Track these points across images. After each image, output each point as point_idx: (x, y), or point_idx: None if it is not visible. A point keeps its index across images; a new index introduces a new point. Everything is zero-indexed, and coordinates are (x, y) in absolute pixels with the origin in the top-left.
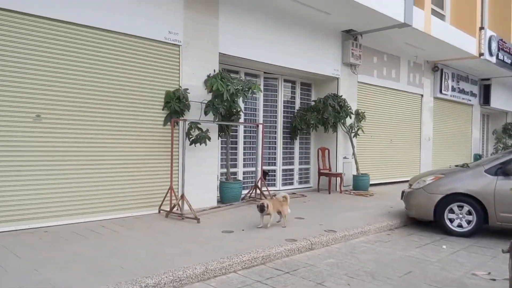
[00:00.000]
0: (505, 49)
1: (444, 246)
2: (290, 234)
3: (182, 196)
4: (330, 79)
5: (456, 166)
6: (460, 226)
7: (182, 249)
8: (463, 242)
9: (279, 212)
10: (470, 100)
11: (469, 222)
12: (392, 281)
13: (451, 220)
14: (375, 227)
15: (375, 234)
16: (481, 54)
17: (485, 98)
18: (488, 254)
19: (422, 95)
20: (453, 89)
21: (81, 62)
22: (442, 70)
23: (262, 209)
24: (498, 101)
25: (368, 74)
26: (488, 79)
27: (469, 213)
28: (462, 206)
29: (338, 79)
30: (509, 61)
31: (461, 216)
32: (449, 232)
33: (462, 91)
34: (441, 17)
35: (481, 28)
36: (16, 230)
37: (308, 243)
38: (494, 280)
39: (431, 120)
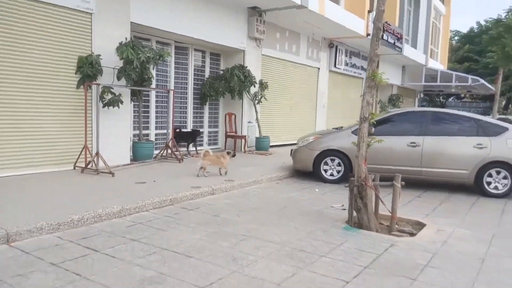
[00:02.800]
0: (389, 31)
1: (317, 190)
2: (196, 183)
3: (97, 153)
4: (237, 51)
5: (333, 128)
6: (332, 175)
7: (100, 195)
8: (332, 186)
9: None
10: (360, 74)
11: (338, 171)
12: (271, 212)
13: (326, 171)
14: (267, 177)
15: (266, 183)
16: (368, 34)
17: None
18: (342, 193)
19: (319, 68)
20: (346, 64)
21: (2, 28)
22: (337, 46)
23: (234, 155)
24: (385, 75)
25: (272, 48)
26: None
27: (339, 164)
28: (334, 159)
29: (244, 51)
30: (392, 41)
31: (332, 167)
32: (324, 180)
33: (354, 66)
34: (337, 1)
35: (369, 11)
36: None
37: (210, 189)
38: (344, 209)
39: (326, 90)
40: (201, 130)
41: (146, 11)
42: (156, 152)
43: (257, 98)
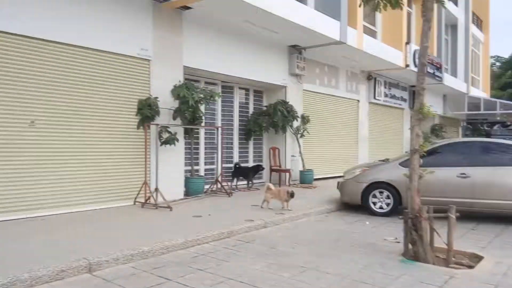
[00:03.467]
0: (428, 61)
1: (367, 222)
2: (249, 216)
3: (156, 189)
4: (279, 87)
5: (379, 161)
6: (381, 208)
7: (163, 228)
8: (382, 219)
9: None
10: (400, 104)
11: (388, 204)
12: (325, 244)
13: (374, 203)
14: (316, 210)
15: (316, 216)
16: (407, 66)
17: (414, 103)
18: (399, 227)
19: (358, 100)
20: (386, 95)
21: (70, 75)
22: (375, 78)
23: (292, 195)
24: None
25: (312, 83)
26: (415, 86)
27: (388, 197)
28: (382, 192)
29: (285, 87)
30: (431, 71)
31: (381, 199)
32: (373, 213)
33: (393, 97)
34: (373, 33)
35: (407, 43)
36: (19, 218)
37: (262, 222)
38: (398, 242)
39: (367, 122)
40: (246, 165)
41: (196, 55)
42: (206, 186)
43: (300, 132)
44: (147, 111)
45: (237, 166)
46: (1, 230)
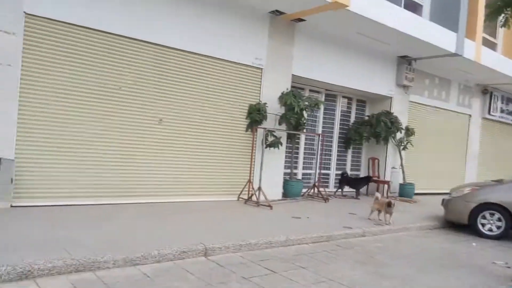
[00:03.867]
0: None
1: (474, 244)
2: (347, 223)
3: (259, 188)
4: (383, 98)
5: (492, 181)
6: (490, 230)
7: (265, 225)
8: (491, 242)
9: (379, 211)
10: None
11: (498, 227)
12: (427, 260)
13: (483, 225)
14: (416, 225)
15: (416, 231)
16: None
17: None
18: (509, 252)
19: (470, 115)
20: (502, 111)
21: (196, 80)
22: (491, 92)
23: (389, 204)
24: None
25: (419, 94)
26: None
27: (499, 220)
28: (493, 214)
29: (391, 98)
30: None
31: (492, 222)
32: (480, 235)
33: (511, 113)
34: (493, 45)
35: None
36: (149, 202)
37: (361, 231)
38: (509, 267)
39: (478, 139)
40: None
41: (304, 64)
42: (304, 190)
43: (403, 144)
44: (256, 115)
45: (344, 175)
46: (133, 211)
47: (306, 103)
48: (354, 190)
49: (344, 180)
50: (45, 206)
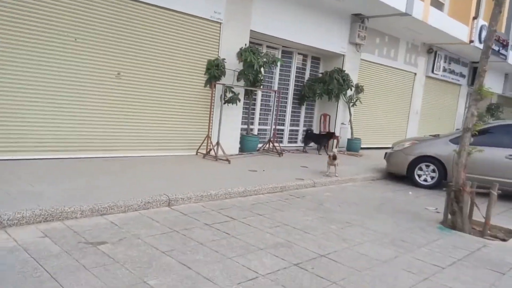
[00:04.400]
0: (494, 37)
1: (410, 192)
2: (299, 175)
3: (218, 143)
4: (336, 55)
5: (430, 135)
6: (425, 180)
7: (224, 178)
8: (425, 191)
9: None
10: (458, 80)
11: (432, 178)
12: (369, 207)
13: (419, 176)
14: (361, 176)
15: (361, 182)
16: (471, 41)
17: (473, 80)
18: (440, 199)
19: (415, 74)
20: (444, 70)
21: (151, 33)
22: (436, 52)
23: (334, 157)
24: (485, 82)
25: (370, 53)
26: (476, 62)
27: (433, 171)
28: (429, 166)
29: (344, 56)
30: (496, 48)
31: (427, 173)
32: (417, 185)
33: (452, 72)
34: (441, 5)
35: (474, 17)
36: (104, 157)
37: (312, 182)
38: (438, 212)
39: (421, 96)
40: (296, 128)
41: (263, 20)
42: (259, 145)
43: (352, 101)
44: (214, 71)
45: (309, 131)
46: (94, 165)
47: (265, 59)
48: (317, 145)
49: (309, 136)
50: (7, 160)
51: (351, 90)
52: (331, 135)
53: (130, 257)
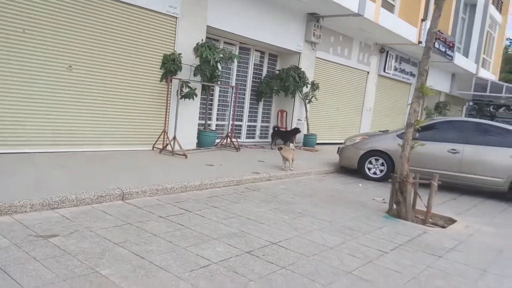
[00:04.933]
0: (441, 39)
1: (360, 185)
2: (256, 169)
3: (174, 137)
4: (293, 53)
5: (379, 131)
6: (375, 173)
7: (181, 172)
8: (374, 184)
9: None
10: (409, 79)
11: (381, 171)
12: (321, 198)
13: (369, 169)
14: (315, 170)
15: (315, 175)
16: (419, 42)
17: None
18: (388, 191)
19: (368, 72)
20: (395, 69)
21: (106, 27)
22: (388, 52)
23: (279, 148)
24: (433, 82)
25: (325, 51)
26: None
27: (382, 164)
28: (378, 159)
29: (300, 53)
30: (443, 49)
31: (376, 166)
32: (367, 177)
33: (403, 71)
34: (391, 7)
35: (423, 19)
36: (57, 151)
37: (267, 175)
38: (384, 202)
39: (374, 94)
40: (254, 124)
41: (220, 16)
42: (217, 141)
43: (308, 98)
44: (170, 65)
45: (275, 128)
46: (46, 160)
47: (221, 55)
48: (284, 142)
49: (275, 133)
50: None
51: (307, 87)
52: (296, 131)
53: (82, 249)
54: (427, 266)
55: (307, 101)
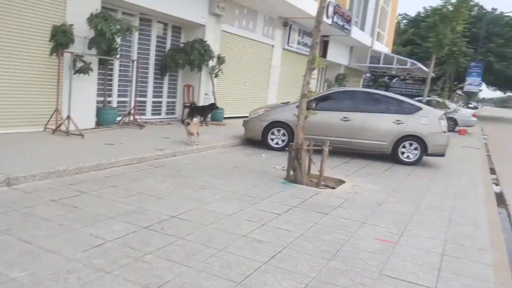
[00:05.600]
0: (340, 13)
1: (263, 155)
2: (160, 146)
3: (68, 116)
4: (197, 26)
5: (281, 103)
6: (277, 143)
7: (76, 153)
8: (277, 153)
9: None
10: None
11: (283, 140)
12: (224, 170)
13: (272, 140)
14: (221, 144)
15: (221, 149)
16: None
17: (324, 52)
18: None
19: (273, 46)
20: (299, 43)
21: None
22: (291, 25)
23: (188, 123)
24: (334, 55)
25: (230, 24)
26: (327, 36)
27: (284, 134)
28: (280, 130)
29: (204, 26)
30: (341, 24)
31: (278, 137)
32: (270, 148)
33: (305, 45)
34: None
35: None
36: None
37: (172, 151)
38: (284, 169)
39: (279, 67)
40: (159, 100)
41: None
42: (118, 118)
43: (215, 72)
44: (61, 38)
45: (193, 105)
46: None
47: (118, 27)
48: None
49: (193, 109)
50: None
51: (213, 60)
52: (213, 107)
53: None
54: (315, 223)
55: (213, 75)
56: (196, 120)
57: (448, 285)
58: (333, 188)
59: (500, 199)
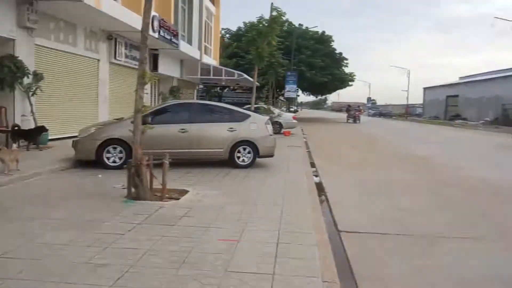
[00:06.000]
0: (165, 27)
1: (100, 176)
2: None
3: None
4: (6, 40)
5: (114, 119)
6: (114, 162)
7: None
8: (115, 172)
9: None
10: None
11: (120, 158)
12: (56, 197)
13: (108, 158)
14: (48, 169)
15: (48, 174)
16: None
17: (154, 65)
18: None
19: (99, 60)
20: (127, 56)
21: None
22: (116, 39)
23: None
24: (165, 68)
25: (46, 38)
26: (156, 50)
27: (121, 152)
28: (116, 147)
29: (14, 40)
30: (168, 37)
31: (115, 154)
32: (107, 167)
33: (134, 58)
34: None
35: None
36: None
37: None
38: (124, 188)
39: (108, 82)
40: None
41: None
42: None
43: (32, 90)
44: None
45: (16, 128)
46: None
47: None
48: (28, 142)
49: (16, 133)
50: None
51: (28, 77)
52: (41, 130)
53: None
54: (162, 236)
55: (30, 93)
56: (14, 145)
57: (283, 269)
58: (178, 199)
59: (319, 187)
